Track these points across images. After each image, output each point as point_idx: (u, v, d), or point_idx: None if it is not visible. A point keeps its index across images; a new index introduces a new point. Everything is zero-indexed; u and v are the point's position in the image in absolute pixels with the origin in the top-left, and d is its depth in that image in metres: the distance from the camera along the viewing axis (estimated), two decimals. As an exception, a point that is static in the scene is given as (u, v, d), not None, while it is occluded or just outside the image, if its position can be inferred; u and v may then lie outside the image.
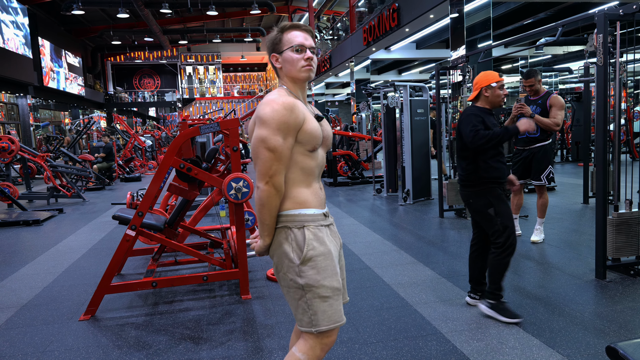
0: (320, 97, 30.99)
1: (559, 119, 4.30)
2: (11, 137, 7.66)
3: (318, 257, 1.60)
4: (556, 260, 4.02)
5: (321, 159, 1.71)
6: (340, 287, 1.66)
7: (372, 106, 10.82)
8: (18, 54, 15.76)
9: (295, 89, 1.70)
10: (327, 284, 1.61)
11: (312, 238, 1.61)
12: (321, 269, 1.60)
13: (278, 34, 1.68)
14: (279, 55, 1.68)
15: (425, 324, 2.88)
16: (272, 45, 1.69)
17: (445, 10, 9.50)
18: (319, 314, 1.60)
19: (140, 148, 15.51)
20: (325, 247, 1.62)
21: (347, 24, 17.80)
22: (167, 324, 3.06)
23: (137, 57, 30.46)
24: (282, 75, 1.71)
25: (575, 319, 2.85)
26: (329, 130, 1.79)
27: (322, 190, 1.73)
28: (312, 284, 1.59)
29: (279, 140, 1.55)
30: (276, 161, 1.55)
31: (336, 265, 1.66)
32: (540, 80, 4.48)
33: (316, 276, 1.60)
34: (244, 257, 3.46)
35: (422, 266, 4.02)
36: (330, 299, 1.62)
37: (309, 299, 1.60)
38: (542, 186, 4.51)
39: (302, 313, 1.63)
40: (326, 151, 1.79)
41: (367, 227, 5.64)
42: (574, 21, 4.21)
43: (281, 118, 1.55)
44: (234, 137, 3.44)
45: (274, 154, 1.54)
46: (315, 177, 1.69)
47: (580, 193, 6.67)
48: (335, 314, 1.63)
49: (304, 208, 1.63)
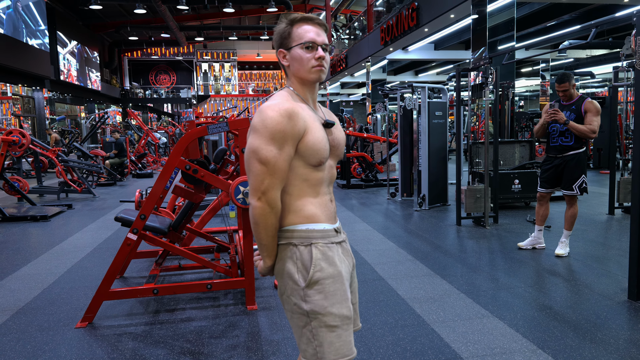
0: (335, 96, 30.77)
1: (595, 125, 4.03)
2: (22, 130, 7.58)
3: (326, 279, 1.40)
4: (584, 277, 3.76)
5: (329, 170, 1.50)
6: (351, 315, 1.45)
7: (388, 107, 10.58)
8: (35, 47, 15.81)
9: (303, 91, 1.49)
10: (336, 312, 1.40)
11: (320, 258, 1.41)
12: (329, 293, 1.40)
13: (287, 26, 1.46)
14: (286, 52, 1.47)
15: (443, 346, 2.65)
16: (280, 40, 1.48)
17: (466, 10, 9.22)
18: (325, 346, 1.39)
19: (154, 144, 15.46)
20: (334, 268, 1.42)
21: (364, 23, 17.54)
22: (167, 336, 2.87)
23: (153, 53, 30.56)
24: (290, 75, 1.50)
25: (608, 347, 2.60)
26: (341, 138, 1.56)
27: (332, 203, 1.52)
28: (318, 311, 1.39)
29: (273, 151, 1.35)
30: (269, 175, 1.36)
31: (347, 290, 1.45)
32: (574, 84, 4.20)
33: (323, 302, 1.39)
34: (251, 265, 3.26)
35: (439, 279, 3.79)
36: (339, 329, 1.40)
37: (314, 327, 1.40)
38: (573, 196, 4.24)
39: (306, 343, 1.42)
40: (337, 160, 1.57)
41: (381, 234, 5.41)
42: (608, 22, 3.94)
43: (276, 126, 1.35)
44: (243, 137, 3.25)
45: (266, 166, 1.35)
46: (324, 187, 1.48)
47: (605, 202, 6.37)
48: (344, 347, 1.41)
49: (312, 223, 1.43)
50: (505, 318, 3.00)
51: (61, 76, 18.65)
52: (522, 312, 3.09)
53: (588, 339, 2.69)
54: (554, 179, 4.31)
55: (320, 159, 1.42)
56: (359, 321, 1.63)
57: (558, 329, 2.83)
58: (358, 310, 1.63)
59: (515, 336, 2.74)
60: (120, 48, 28.14)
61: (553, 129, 4.26)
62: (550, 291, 3.47)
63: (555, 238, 4.82)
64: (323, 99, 27.51)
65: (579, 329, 2.82)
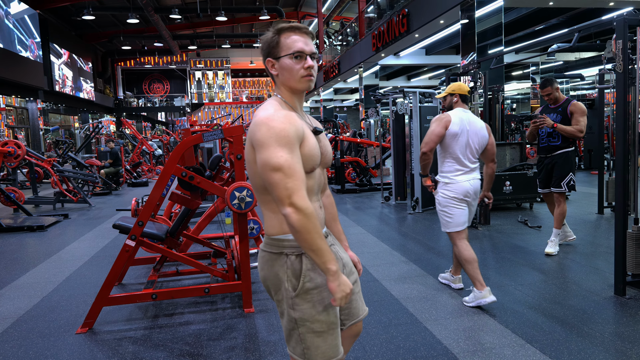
0: (328, 102, 30.94)
1: (582, 125, 4.25)
2: (17, 141, 7.63)
3: (314, 290, 1.47)
4: (572, 274, 3.86)
5: (319, 177, 1.56)
6: (337, 320, 1.53)
7: (380, 112, 10.70)
8: (29, 59, 15.86)
9: (292, 99, 1.54)
10: (323, 319, 1.48)
11: (309, 268, 1.47)
12: (317, 302, 1.48)
13: (275, 36, 1.49)
14: (275, 61, 1.50)
15: (435, 342, 2.74)
16: (267, 49, 1.51)
17: (455, 16, 9.38)
18: (312, 349, 1.49)
19: (148, 153, 15.50)
20: (323, 278, 1.47)
21: (356, 30, 17.72)
22: (166, 339, 2.94)
23: (146, 62, 30.64)
24: (279, 84, 1.54)
25: (594, 340, 2.69)
26: (328, 145, 1.63)
27: (321, 210, 1.58)
28: (306, 319, 1.47)
29: (283, 156, 1.35)
30: (288, 178, 1.33)
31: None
32: (557, 88, 4.40)
33: (311, 310, 1.47)
34: (247, 269, 3.34)
35: (432, 279, 3.87)
36: (325, 334, 1.49)
37: (302, 333, 1.48)
38: (562, 194, 4.41)
39: (294, 343, 1.51)
40: (325, 168, 1.64)
41: (375, 237, 5.50)
42: (590, 26, 4.08)
43: (280, 132, 1.36)
44: (238, 144, 3.33)
45: (282, 172, 1.33)
46: (313, 195, 1.53)
47: (594, 202, 6.49)
48: (330, 350, 1.50)
49: None
50: (495, 315, 3.08)
51: (56, 86, 18.69)
52: (511, 309, 3.18)
53: (575, 333, 2.78)
54: (546, 178, 4.50)
55: (313, 165, 1.47)
56: (364, 306, 1.73)
57: (546, 324, 2.92)
58: (362, 297, 1.74)
59: (504, 332, 2.83)
60: (113, 57, 28.23)
61: (542, 132, 4.46)
62: (540, 288, 3.56)
63: (545, 237, 4.93)
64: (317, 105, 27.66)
65: (566, 324, 2.91)
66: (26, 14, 16.00)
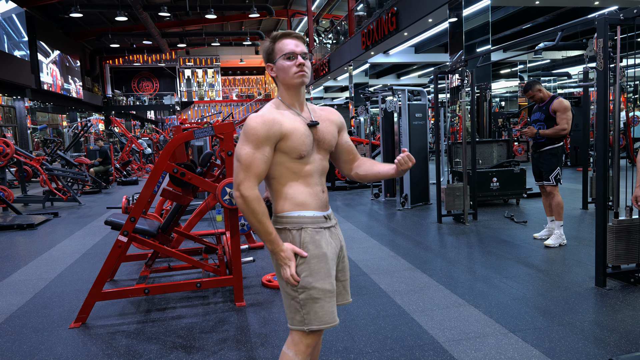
0: (319, 100, 30.96)
1: (563, 123, 4.44)
2: (6, 140, 7.60)
3: (312, 260, 1.66)
4: (556, 267, 3.97)
5: (319, 163, 1.74)
6: (333, 289, 1.70)
7: (370, 110, 10.78)
8: (16, 57, 15.71)
9: (290, 97, 1.73)
10: (319, 286, 1.66)
11: (307, 241, 1.67)
12: (314, 271, 1.66)
13: (270, 44, 1.73)
14: (273, 65, 1.72)
15: (422, 332, 2.82)
16: (266, 56, 1.75)
17: (444, 14, 9.49)
18: (311, 314, 1.66)
19: (138, 151, 15.45)
20: (320, 250, 1.67)
21: (345, 28, 17.79)
22: (159, 332, 2.99)
23: (135, 60, 30.47)
24: (279, 84, 1.74)
25: (575, 328, 2.79)
26: (327, 132, 1.78)
27: (324, 193, 1.76)
28: (304, 286, 1.65)
29: (245, 150, 1.61)
30: (242, 170, 1.60)
31: (330, 268, 1.70)
32: (539, 89, 4.60)
33: (309, 278, 1.65)
34: (239, 264, 3.40)
35: (420, 273, 3.96)
36: (322, 301, 1.66)
37: (302, 299, 1.66)
38: (553, 187, 4.57)
39: (293, 312, 1.68)
40: (327, 153, 1.80)
41: (365, 233, 5.58)
42: (573, 25, 4.19)
43: (251, 131, 1.61)
44: (228, 141, 3.39)
45: (240, 163, 1.61)
46: (315, 179, 1.72)
47: (579, 198, 6.62)
48: (326, 315, 1.67)
49: (303, 210, 1.68)
50: (480, 306, 3.18)
51: (44, 85, 18.52)
52: (496, 301, 3.27)
53: (556, 322, 2.88)
54: (538, 173, 4.69)
55: (299, 153, 1.66)
56: (349, 296, 1.91)
57: (529, 314, 3.02)
58: (349, 287, 1.90)
59: (488, 322, 2.92)
60: (101, 56, 28.00)
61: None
62: (524, 281, 3.67)
63: (530, 232, 5.06)
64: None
65: (548, 314, 3.01)
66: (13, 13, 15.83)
